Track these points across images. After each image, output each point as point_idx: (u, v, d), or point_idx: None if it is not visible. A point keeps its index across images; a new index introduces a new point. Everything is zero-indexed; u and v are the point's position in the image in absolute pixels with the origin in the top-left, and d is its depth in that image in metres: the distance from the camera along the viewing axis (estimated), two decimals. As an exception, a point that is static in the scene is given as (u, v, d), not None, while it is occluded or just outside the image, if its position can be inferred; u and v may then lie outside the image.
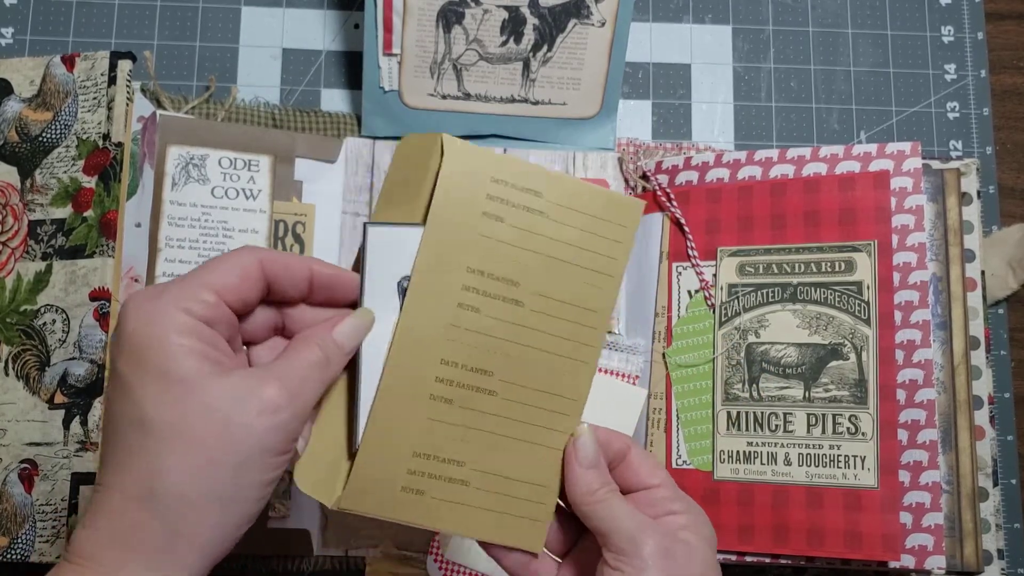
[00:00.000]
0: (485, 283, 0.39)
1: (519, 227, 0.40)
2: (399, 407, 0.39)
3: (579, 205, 0.41)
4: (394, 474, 0.39)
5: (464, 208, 0.39)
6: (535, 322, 0.40)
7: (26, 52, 0.63)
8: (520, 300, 0.40)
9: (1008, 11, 0.67)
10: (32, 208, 0.56)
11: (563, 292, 0.41)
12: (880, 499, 0.52)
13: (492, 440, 0.40)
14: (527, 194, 0.40)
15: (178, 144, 0.59)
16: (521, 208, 0.40)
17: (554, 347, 0.41)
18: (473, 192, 0.39)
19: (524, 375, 0.41)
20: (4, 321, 0.55)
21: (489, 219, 0.39)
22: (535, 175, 0.40)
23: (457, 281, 0.39)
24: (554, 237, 0.40)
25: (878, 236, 0.54)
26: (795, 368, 0.55)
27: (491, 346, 0.40)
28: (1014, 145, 0.65)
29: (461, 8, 0.59)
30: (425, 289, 0.39)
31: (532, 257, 0.40)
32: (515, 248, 0.40)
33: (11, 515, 0.52)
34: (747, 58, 0.66)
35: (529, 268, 0.40)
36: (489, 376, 0.40)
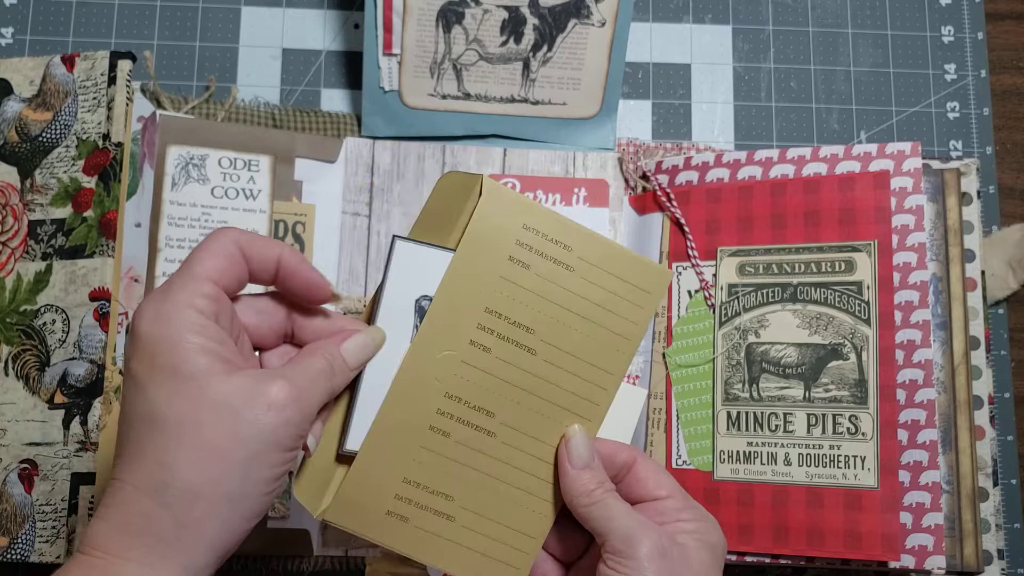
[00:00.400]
0: (501, 325, 0.40)
1: (543, 277, 0.40)
2: (397, 432, 0.39)
3: (608, 265, 0.41)
4: (382, 496, 0.40)
5: (492, 250, 0.40)
6: (545, 372, 0.41)
7: (26, 52, 0.64)
8: (533, 348, 0.40)
9: (1008, 11, 0.67)
10: (32, 208, 0.56)
11: (578, 347, 0.41)
12: (880, 499, 0.52)
13: (484, 481, 0.41)
14: (557, 246, 0.40)
15: (178, 144, 0.59)
16: (549, 259, 0.40)
17: (561, 400, 0.41)
18: (503, 236, 0.40)
19: (526, 422, 0.41)
20: (4, 321, 0.55)
21: (515, 264, 0.40)
22: (568, 229, 0.41)
23: (473, 319, 0.40)
24: (577, 293, 0.41)
25: (878, 236, 0.54)
26: (795, 368, 0.55)
27: (497, 388, 0.40)
28: (1014, 145, 0.65)
29: (461, 8, 0.59)
30: (440, 322, 0.39)
31: (552, 308, 0.40)
32: (536, 297, 0.40)
33: (11, 515, 0.52)
34: (747, 58, 0.66)
35: (547, 318, 0.40)
36: (491, 417, 0.40)
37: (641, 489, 0.41)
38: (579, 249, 0.41)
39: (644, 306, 0.42)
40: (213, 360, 0.33)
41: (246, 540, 0.56)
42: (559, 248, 0.40)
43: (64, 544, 0.51)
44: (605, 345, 0.41)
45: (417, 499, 0.40)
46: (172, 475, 0.32)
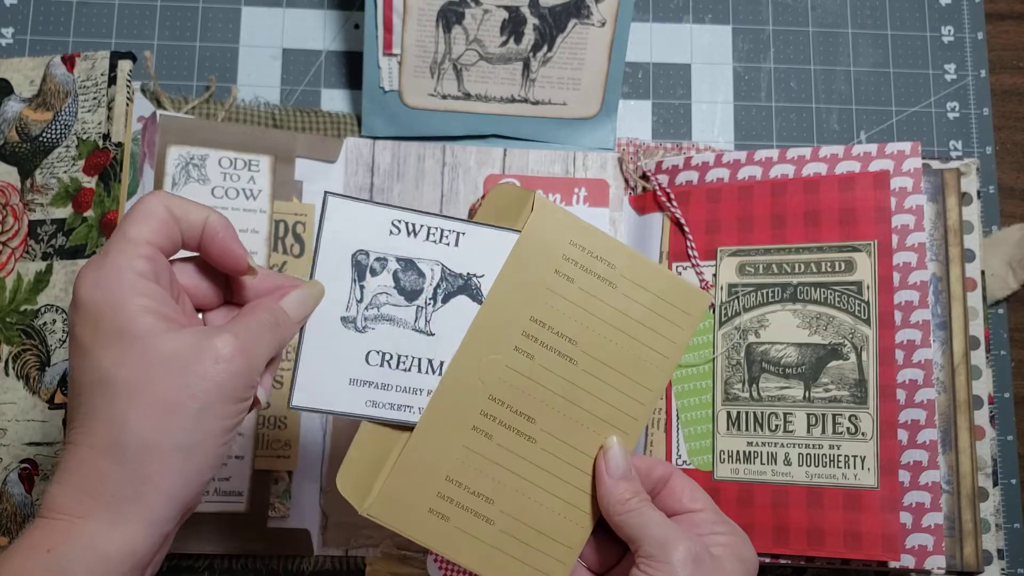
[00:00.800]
0: (544, 334, 0.42)
1: (587, 291, 0.42)
2: (442, 429, 0.41)
3: (649, 284, 0.43)
4: (425, 493, 0.41)
5: (540, 261, 0.41)
6: (585, 382, 0.42)
7: (26, 52, 0.64)
8: (574, 358, 0.42)
9: (1008, 11, 0.67)
10: (32, 208, 0.56)
11: (617, 361, 0.42)
12: (880, 499, 0.52)
13: (523, 486, 0.42)
14: (601, 263, 0.42)
15: (178, 144, 0.59)
16: (593, 275, 0.42)
17: (600, 411, 0.42)
18: (551, 249, 0.41)
19: (565, 431, 0.42)
20: (4, 321, 0.55)
21: (560, 277, 0.42)
22: (613, 248, 0.42)
23: (519, 326, 0.41)
24: (619, 308, 0.42)
25: (878, 236, 0.54)
26: (795, 368, 0.55)
27: (539, 394, 0.42)
28: (1014, 145, 0.65)
29: (461, 8, 0.59)
30: (488, 326, 0.41)
31: (594, 321, 0.42)
32: (579, 309, 0.42)
33: (11, 515, 0.52)
34: (747, 58, 0.66)
35: (589, 331, 0.42)
36: (532, 422, 0.42)
37: (676, 502, 0.42)
38: (623, 267, 0.42)
39: (683, 327, 0.43)
40: (157, 319, 0.34)
41: (247, 540, 0.56)
42: (603, 265, 0.42)
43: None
44: (644, 361, 0.43)
45: (459, 499, 0.41)
46: (126, 432, 0.33)
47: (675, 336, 0.43)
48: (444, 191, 0.61)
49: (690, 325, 0.43)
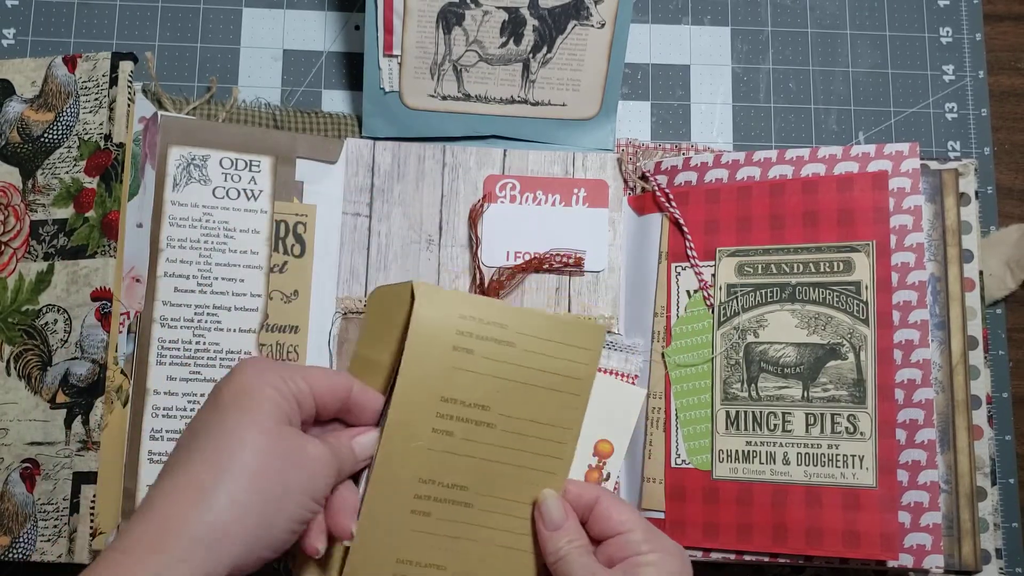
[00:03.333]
0: (457, 409, 0.44)
1: (488, 357, 0.44)
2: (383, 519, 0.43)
3: (543, 333, 0.45)
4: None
5: (436, 344, 0.43)
6: (506, 440, 0.44)
7: (28, 53, 0.64)
8: (491, 423, 0.44)
9: (1006, 12, 0.67)
10: (34, 208, 0.56)
11: (531, 412, 0.45)
12: (878, 498, 0.52)
13: (470, 547, 0.45)
14: (494, 327, 0.44)
15: (179, 145, 0.59)
16: (489, 340, 0.44)
17: (525, 461, 0.45)
18: (444, 329, 0.43)
19: (499, 488, 0.45)
20: (6, 321, 0.55)
21: (459, 352, 0.44)
22: (501, 310, 0.45)
23: (432, 409, 0.44)
24: (521, 364, 0.44)
25: (876, 236, 0.54)
26: (794, 368, 0.55)
27: (465, 464, 0.44)
28: (1012, 146, 0.65)
29: (461, 9, 0.59)
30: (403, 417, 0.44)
31: (501, 383, 0.44)
32: (484, 376, 0.44)
33: (13, 514, 0.53)
34: (746, 59, 0.66)
35: (498, 393, 0.44)
36: (465, 491, 0.45)
37: (605, 525, 0.45)
38: (515, 325, 0.44)
39: (586, 362, 0.45)
40: (282, 415, 0.40)
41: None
42: (496, 328, 0.44)
43: (66, 543, 0.52)
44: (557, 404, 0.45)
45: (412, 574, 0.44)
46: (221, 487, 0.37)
47: (579, 373, 0.45)
48: (444, 192, 0.61)
49: (592, 358, 0.45)
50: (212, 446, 0.38)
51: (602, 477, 0.57)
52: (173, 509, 0.36)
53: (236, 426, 0.38)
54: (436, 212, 0.61)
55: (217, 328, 0.57)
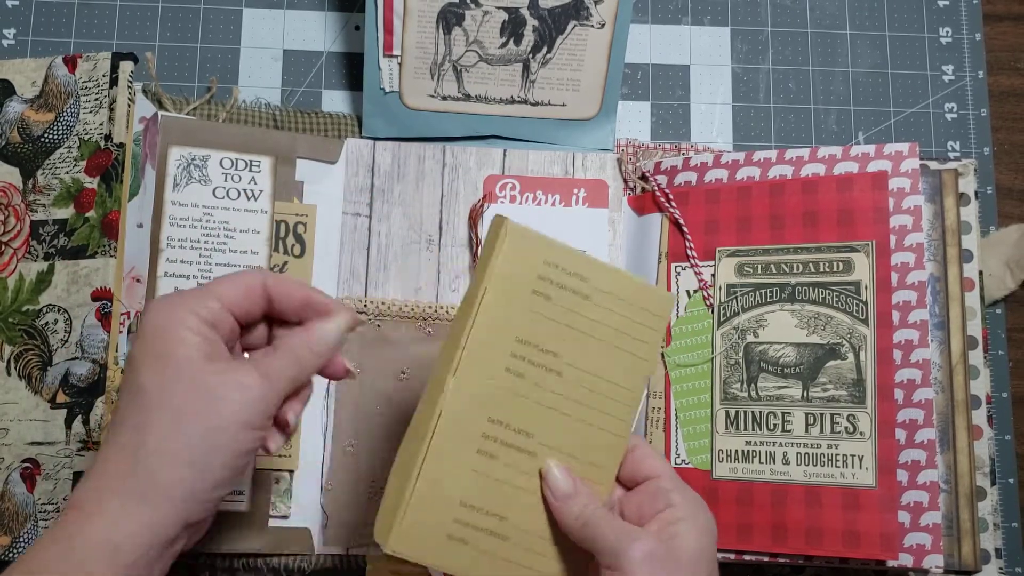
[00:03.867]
0: (531, 352, 0.43)
1: (565, 306, 0.44)
2: (450, 457, 0.42)
3: (620, 292, 0.45)
4: (442, 521, 0.42)
5: (518, 285, 0.43)
6: (574, 393, 0.44)
7: (28, 53, 0.64)
8: (560, 371, 0.44)
9: (1006, 12, 0.67)
10: (34, 208, 0.56)
11: (598, 367, 0.45)
12: (878, 498, 0.52)
13: (531, 500, 0.44)
14: (574, 278, 0.44)
15: (180, 145, 0.59)
16: (568, 290, 0.44)
17: (589, 417, 0.45)
18: (526, 271, 0.43)
19: (561, 440, 0.44)
20: (6, 321, 0.55)
21: (539, 296, 0.43)
22: (584, 262, 0.44)
23: (507, 348, 0.43)
24: (595, 318, 0.44)
25: (876, 236, 0.55)
26: (793, 368, 0.55)
27: (532, 410, 0.44)
28: (1012, 146, 0.65)
29: (461, 10, 0.59)
30: (479, 352, 0.42)
31: (574, 334, 0.44)
32: (559, 324, 0.44)
33: (13, 514, 0.53)
34: (746, 59, 0.66)
35: (570, 343, 0.44)
36: (530, 437, 0.44)
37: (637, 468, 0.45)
38: (594, 279, 0.44)
39: (654, 327, 0.45)
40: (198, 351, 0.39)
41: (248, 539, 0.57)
42: (576, 279, 0.44)
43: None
44: (624, 364, 0.45)
45: (474, 522, 0.43)
46: (147, 438, 0.37)
47: (647, 337, 0.45)
48: (444, 192, 0.62)
49: (659, 325, 0.45)
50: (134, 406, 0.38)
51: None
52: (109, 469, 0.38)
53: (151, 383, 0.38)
54: (436, 212, 0.61)
55: (217, 328, 0.57)
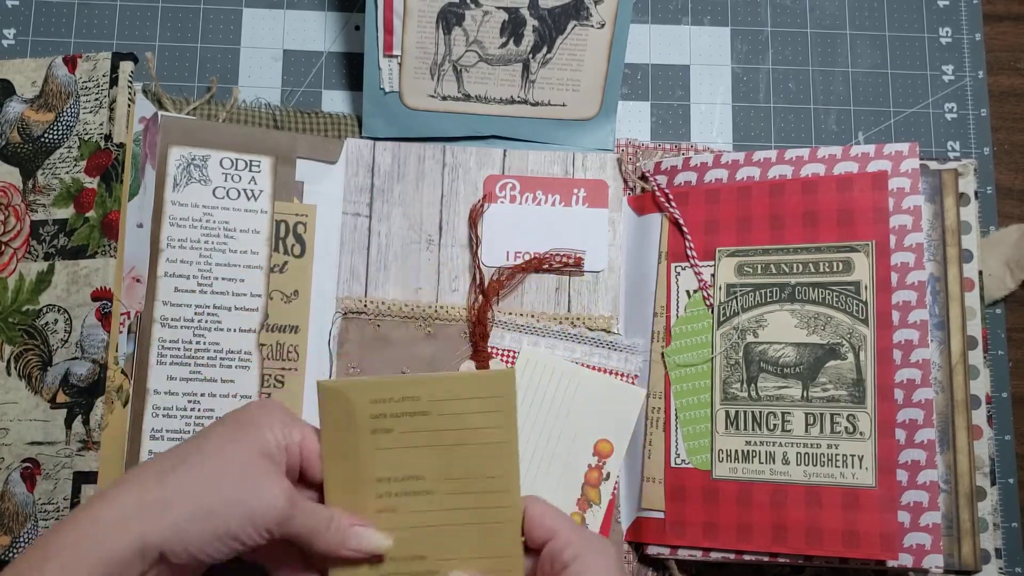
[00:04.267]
0: (395, 486, 0.45)
1: (409, 430, 0.45)
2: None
3: (455, 394, 0.46)
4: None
5: (355, 433, 0.45)
6: (450, 503, 0.46)
7: (28, 53, 0.64)
8: (430, 490, 0.46)
9: (1006, 12, 0.67)
10: (34, 208, 0.56)
11: (465, 471, 0.46)
12: (878, 498, 0.52)
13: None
14: (406, 402, 0.45)
15: (180, 145, 0.59)
16: (405, 415, 0.45)
17: (475, 517, 0.46)
18: (358, 417, 0.45)
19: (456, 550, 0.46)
20: (6, 321, 0.55)
21: (379, 434, 0.45)
22: (408, 384, 0.46)
23: (370, 492, 0.45)
24: (442, 428, 0.45)
25: (876, 236, 0.55)
26: (793, 368, 0.55)
27: (418, 534, 0.46)
28: (1012, 146, 0.65)
29: (461, 10, 0.59)
30: (346, 506, 0.45)
31: (428, 451, 0.45)
32: (410, 449, 0.45)
33: (13, 514, 0.53)
34: (745, 59, 0.66)
35: (428, 461, 0.45)
36: (424, 560, 0.46)
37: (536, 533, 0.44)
38: (426, 394, 0.45)
39: (504, 409, 0.46)
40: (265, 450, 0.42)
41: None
42: (409, 402, 0.45)
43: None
44: (486, 456, 0.46)
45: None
46: (172, 473, 0.40)
47: (501, 421, 0.46)
48: (444, 192, 0.62)
49: (510, 404, 0.45)
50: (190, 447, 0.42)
51: (602, 476, 0.57)
52: (130, 480, 0.41)
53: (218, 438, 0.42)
54: (436, 212, 0.61)
55: (217, 328, 0.57)
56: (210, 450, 0.41)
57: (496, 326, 0.60)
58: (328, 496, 0.45)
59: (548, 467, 0.57)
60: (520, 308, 0.60)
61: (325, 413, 0.45)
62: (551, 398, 0.58)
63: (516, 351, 0.59)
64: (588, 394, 0.58)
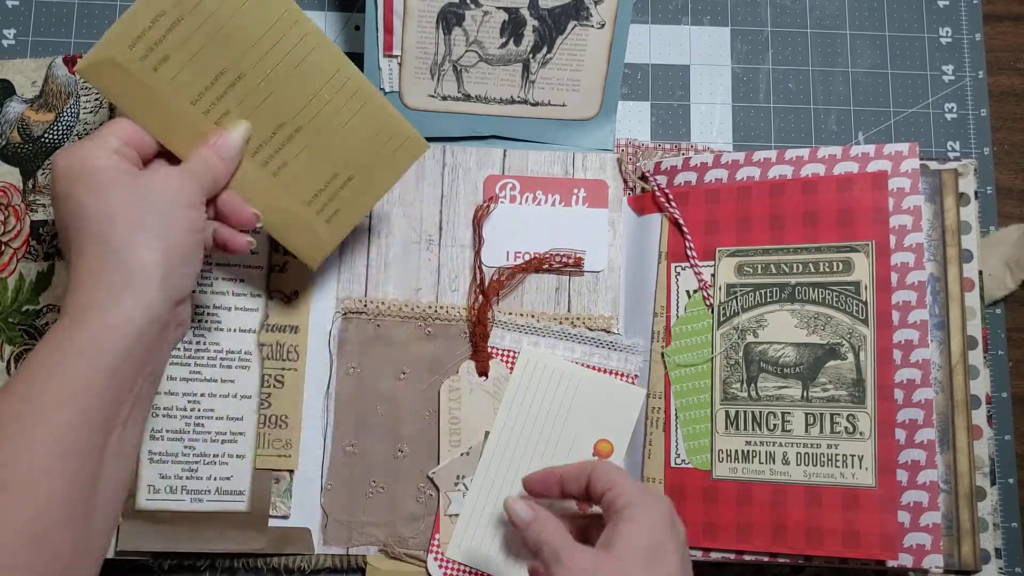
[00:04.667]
0: (210, 95, 0.47)
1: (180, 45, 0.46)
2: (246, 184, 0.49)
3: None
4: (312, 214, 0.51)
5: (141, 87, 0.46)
6: (267, 76, 0.48)
7: (28, 53, 0.64)
8: (241, 73, 0.47)
9: (1006, 12, 0.67)
10: (34, 208, 0.56)
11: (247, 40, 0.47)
12: (878, 498, 0.52)
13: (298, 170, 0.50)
14: (159, 21, 0.45)
15: (179, 145, 0.59)
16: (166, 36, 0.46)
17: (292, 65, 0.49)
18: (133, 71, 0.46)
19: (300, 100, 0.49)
20: (7, 321, 0.55)
21: (161, 66, 0.46)
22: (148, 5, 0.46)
23: (199, 117, 0.47)
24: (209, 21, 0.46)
25: (876, 236, 0.55)
26: (793, 368, 0.55)
27: (265, 110, 0.48)
28: (1012, 146, 0.65)
29: (461, 10, 0.59)
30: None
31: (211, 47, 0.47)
32: (197, 56, 0.46)
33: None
34: (745, 59, 0.66)
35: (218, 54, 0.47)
36: (283, 125, 0.49)
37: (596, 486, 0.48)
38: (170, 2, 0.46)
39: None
40: (118, 166, 0.43)
41: (248, 538, 0.57)
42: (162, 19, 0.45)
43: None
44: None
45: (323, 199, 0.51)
46: (108, 241, 0.41)
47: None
48: (444, 191, 0.62)
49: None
50: (83, 226, 0.41)
51: None
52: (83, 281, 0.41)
53: (90, 201, 0.41)
54: (436, 212, 0.61)
55: (217, 328, 0.57)
56: (98, 207, 0.41)
57: (496, 326, 0.60)
58: (175, 149, 0.47)
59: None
60: (520, 308, 0.60)
61: (105, 90, 0.46)
62: (551, 399, 0.58)
63: (516, 351, 0.59)
64: (588, 394, 0.58)
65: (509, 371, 0.59)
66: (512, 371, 0.59)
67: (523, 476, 0.52)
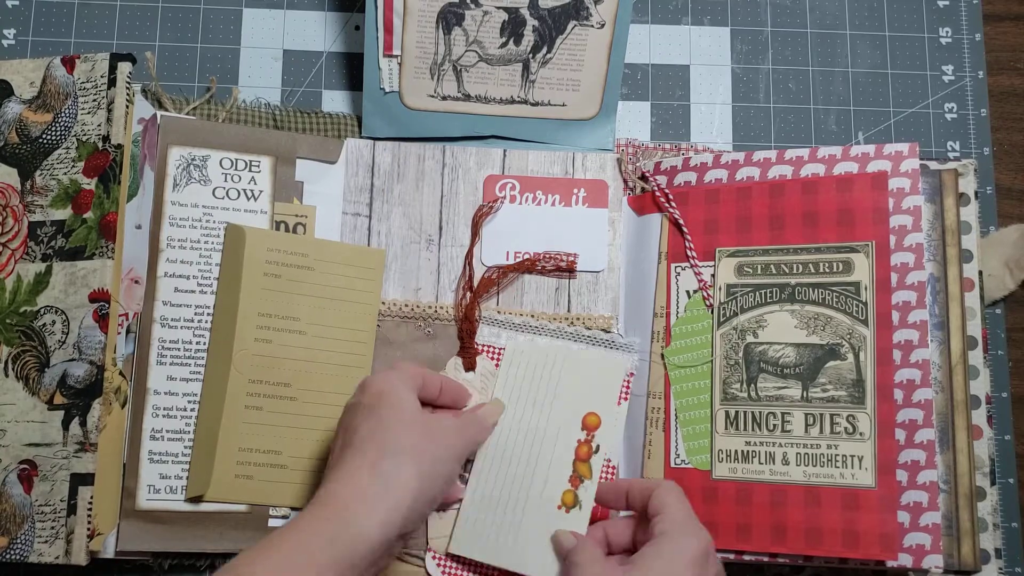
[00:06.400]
0: (273, 321, 0.56)
1: (293, 279, 0.57)
2: (223, 418, 0.55)
3: (336, 258, 0.58)
4: (227, 466, 0.55)
5: (248, 273, 0.56)
6: (318, 344, 0.57)
7: (28, 53, 0.64)
8: (303, 331, 0.57)
9: (1006, 12, 0.67)
10: (32, 209, 0.56)
11: (334, 320, 0.58)
12: (878, 498, 0.52)
13: (300, 433, 0.57)
14: (296, 255, 0.57)
15: (179, 145, 0.59)
16: (292, 266, 0.57)
17: (334, 359, 0.58)
18: (254, 262, 0.56)
19: (316, 382, 0.57)
20: (4, 322, 0.55)
21: (269, 277, 0.56)
22: (302, 242, 0.58)
23: (252, 323, 0.56)
24: (321, 283, 0.58)
25: (876, 237, 0.55)
26: (793, 368, 0.55)
27: (287, 366, 0.56)
28: (1011, 146, 0.65)
29: (461, 10, 0.59)
30: (228, 332, 0.56)
31: (307, 299, 0.57)
32: (292, 295, 0.57)
33: (10, 515, 0.52)
34: (745, 59, 0.66)
35: (306, 307, 0.57)
36: (288, 387, 0.56)
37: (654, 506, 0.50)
38: (313, 253, 0.58)
39: (372, 278, 0.59)
40: (418, 405, 0.50)
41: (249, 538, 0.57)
42: (298, 256, 0.57)
43: (63, 545, 0.51)
44: (354, 314, 0.58)
45: (254, 460, 0.56)
46: (386, 452, 0.47)
47: (368, 287, 0.59)
48: (444, 192, 0.61)
49: (376, 275, 0.59)
50: (372, 432, 0.48)
51: (592, 450, 0.57)
52: (356, 475, 0.46)
53: (383, 425, 0.48)
54: (436, 212, 0.61)
55: (216, 329, 0.57)
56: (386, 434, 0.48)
57: (492, 324, 0.59)
58: (215, 324, 0.56)
59: (539, 451, 0.57)
60: (520, 308, 0.60)
61: (228, 251, 0.56)
62: (538, 384, 0.58)
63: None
64: (573, 371, 0.58)
65: (496, 367, 0.59)
66: (498, 366, 0.59)
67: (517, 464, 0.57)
